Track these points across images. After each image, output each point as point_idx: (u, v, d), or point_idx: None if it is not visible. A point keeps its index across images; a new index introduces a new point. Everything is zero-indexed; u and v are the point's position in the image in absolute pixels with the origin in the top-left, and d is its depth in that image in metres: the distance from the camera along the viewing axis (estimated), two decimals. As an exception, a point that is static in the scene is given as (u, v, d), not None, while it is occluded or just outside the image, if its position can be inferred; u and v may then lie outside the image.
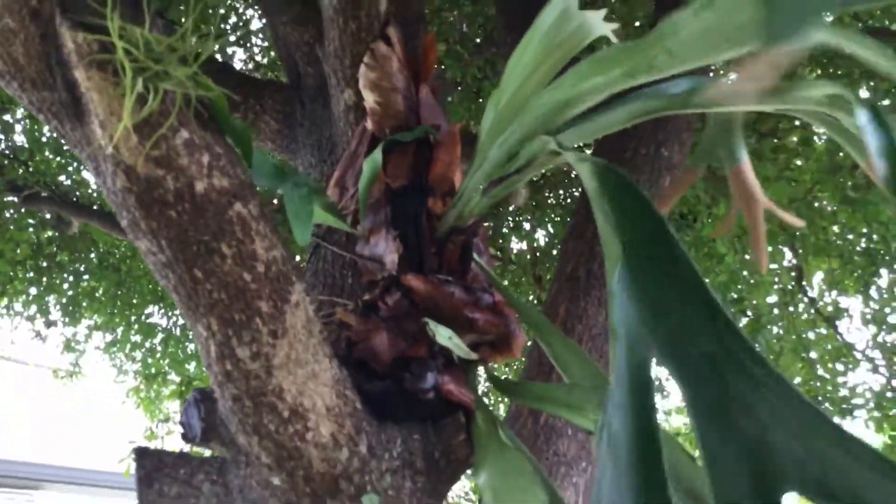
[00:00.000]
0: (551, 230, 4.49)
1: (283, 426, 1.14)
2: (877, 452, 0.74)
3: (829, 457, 0.73)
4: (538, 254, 4.69)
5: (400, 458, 1.28)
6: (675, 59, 1.09)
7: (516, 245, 5.02)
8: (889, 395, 3.74)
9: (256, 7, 3.61)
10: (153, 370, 5.32)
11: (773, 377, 0.81)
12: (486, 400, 4.43)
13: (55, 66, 0.88)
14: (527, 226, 4.62)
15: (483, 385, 4.43)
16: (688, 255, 0.95)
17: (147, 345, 5.41)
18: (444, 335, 1.29)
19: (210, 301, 1.04)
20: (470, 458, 1.37)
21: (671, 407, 6.65)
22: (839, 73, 2.96)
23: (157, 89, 0.85)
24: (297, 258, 1.46)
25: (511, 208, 4.34)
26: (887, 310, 4.03)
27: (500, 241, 4.79)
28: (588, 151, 2.85)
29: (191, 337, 5.49)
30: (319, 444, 1.17)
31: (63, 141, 1.01)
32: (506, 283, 4.93)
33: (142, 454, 1.38)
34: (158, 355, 5.42)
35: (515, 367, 4.83)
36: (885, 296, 3.97)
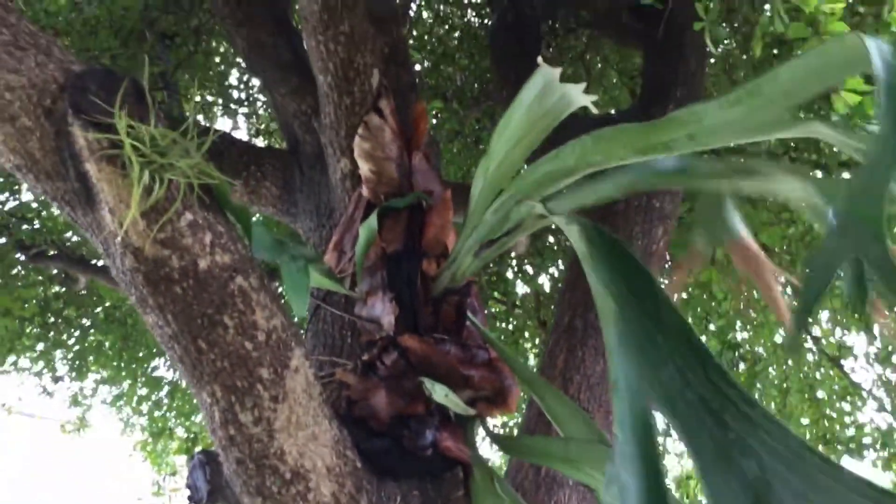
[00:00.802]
0: (555, 274, 4.55)
1: (286, 487, 1.18)
2: (865, 479, 0.81)
3: (823, 487, 0.79)
4: (542, 298, 4.74)
5: (400, 514, 1.32)
6: (695, 142, 1.17)
7: (521, 289, 5.07)
8: (896, 434, 3.75)
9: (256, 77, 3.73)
10: (159, 426, 5.34)
11: (766, 417, 0.87)
12: (487, 449, 4.46)
13: (68, 159, 0.95)
14: (530, 270, 4.68)
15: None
16: (677, 309, 1.01)
17: (153, 397, 5.44)
18: (440, 393, 1.34)
19: (214, 370, 1.09)
20: (467, 512, 1.41)
21: (683, 449, 6.62)
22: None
23: (162, 179, 0.91)
24: (297, 319, 1.51)
25: (513, 255, 4.40)
26: (890, 347, 4.05)
27: (505, 286, 4.84)
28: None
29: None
30: (321, 504, 1.21)
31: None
32: (511, 327, 4.98)
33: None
34: (164, 408, 5.44)
35: (517, 419, 4.85)
36: (887, 333, 4.00)
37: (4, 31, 0.94)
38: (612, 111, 3.73)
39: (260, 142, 4.41)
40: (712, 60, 2.81)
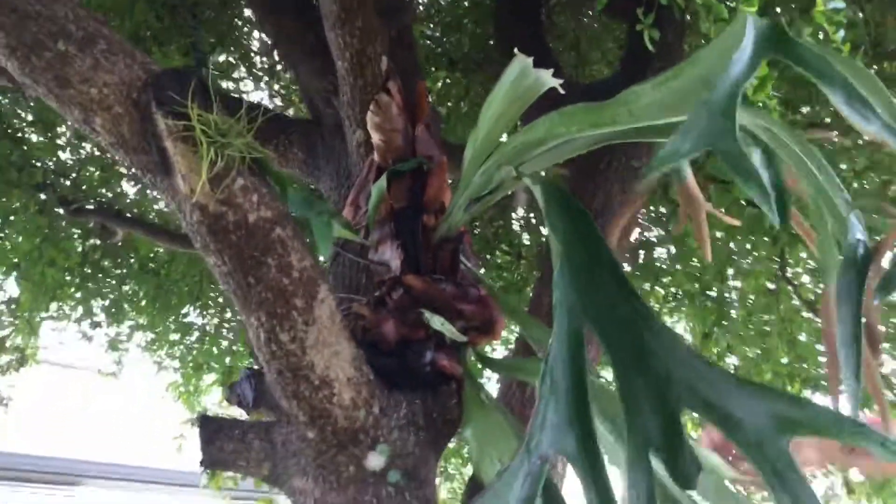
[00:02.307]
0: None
1: (315, 392, 1.51)
2: (737, 376, 1.12)
3: (708, 381, 1.09)
4: (544, 249, 5.04)
5: (405, 417, 1.65)
6: (634, 117, 1.46)
7: (527, 240, 5.38)
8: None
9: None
10: (192, 366, 5.72)
11: (668, 331, 1.18)
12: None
13: (150, 138, 1.26)
14: (534, 221, 4.97)
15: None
16: (610, 251, 1.33)
17: (186, 341, 5.83)
18: (437, 322, 1.66)
19: (259, 300, 1.42)
20: (461, 417, 1.74)
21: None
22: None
23: (222, 154, 1.23)
24: (322, 262, 1.83)
25: (517, 212, 4.70)
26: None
27: (510, 238, 5.13)
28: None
29: (224, 333, 5.89)
30: (343, 406, 1.54)
31: (123, 167, 1.39)
32: (517, 277, 5.29)
33: (204, 420, 1.78)
34: (195, 352, 5.83)
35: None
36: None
37: (101, 42, 1.25)
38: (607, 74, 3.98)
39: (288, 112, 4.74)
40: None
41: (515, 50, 1.54)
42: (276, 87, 4.94)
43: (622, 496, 1.08)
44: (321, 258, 1.62)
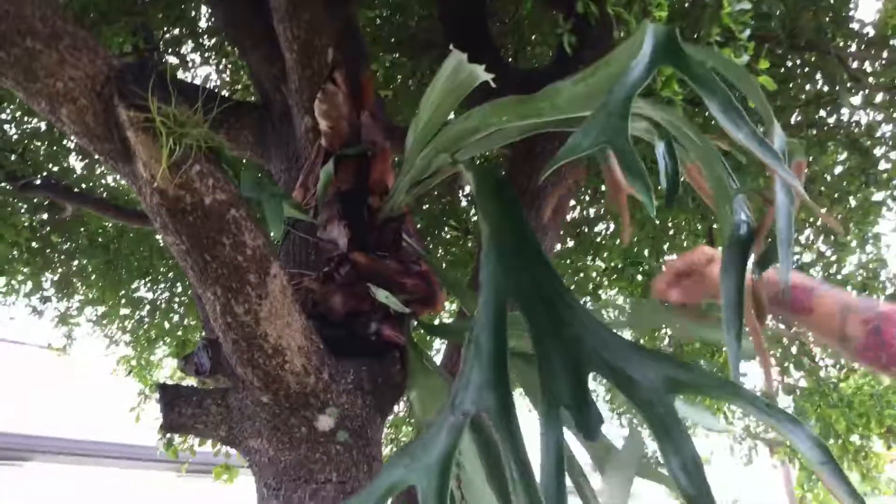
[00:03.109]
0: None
1: (269, 360, 1.65)
2: (635, 343, 1.29)
3: (611, 348, 1.25)
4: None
5: (353, 382, 1.80)
6: (556, 110, 1.60)
7: (474, 216, 5.54)
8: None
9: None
10: (149, 336, 5.77)
11: (579, 305, 1.33)
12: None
13: (113, 128, 1.37)
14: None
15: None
16: (533, 233, 1.48)
17: (136, 316, 5.87)
18: (382, 295, 1.81)
19: (216, 275, 1.54)
20: (405, 382, 1.90)
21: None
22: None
23: (180, 143, 1.34)
24: (275, 240, 1.96)
25: (464, 189, 4.86)
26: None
27: (458, 214, 5.28)
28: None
29: (175, 308, 5.94)
30: (295, 373, 1.68)
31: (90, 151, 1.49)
32: (463, 252, 5.46)
33: (164, 388, 1.90)
34: (147, 326, 5.88)
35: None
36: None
37: (66, 38, 1.35)
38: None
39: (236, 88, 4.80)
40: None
41: (451, 46, 1.67)
42: (224, 63, 4.99)
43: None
44: (273, 235, 1.74)
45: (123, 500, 8.67)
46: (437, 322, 3.01)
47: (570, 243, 5.04)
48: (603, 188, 4.38)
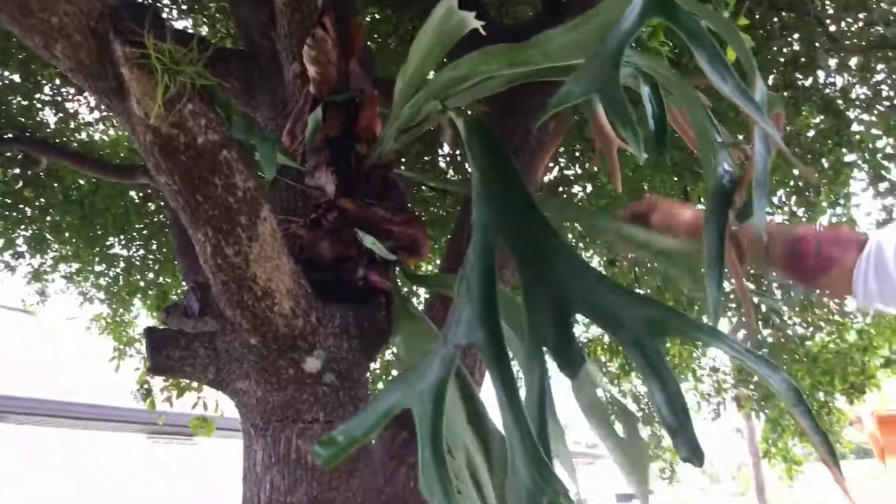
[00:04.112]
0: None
1: (258, 302, 1.67)
2: (622, 286, 1.33)
3: (598, 291, 1.29)
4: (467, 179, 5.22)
5: (339, 326, 1.83)
6: (547, 58, 1.62)
7: (453, 177, 5.56)
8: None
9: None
10: (123, 294, 5.74)
11: (568, 248, 1.38)
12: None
13: (108, 65, 1.37)
14: (460, 159, 5.15)
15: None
16: (522, 178, 1.52)
17: (111, 273, 5.84)
18: (369, 241, 1.83)
19: (207, 216, 1.55)
20: (390, 327, 1.94)
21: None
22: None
23: (175, 80, 1.35)
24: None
25: (444, 145, 4.86)
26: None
27: (437, 174, 5.30)
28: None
29: (150, 265, 5.91)
30: (283, 315, 1.71)
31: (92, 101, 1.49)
32: (443, 212, 5.49)
33: (151, 331, 1.92)
34: (121, 283, 5.85)
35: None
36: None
37: (59, -27, 1.34)
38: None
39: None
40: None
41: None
42: (202, 17, 4.94)
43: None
44: (265, 179, 1.76)
45: (94, 462, 8.65)
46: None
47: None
48: (580, 150, 4.42)
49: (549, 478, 1.12)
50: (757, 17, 2.98)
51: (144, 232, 5.77)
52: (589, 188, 4.91)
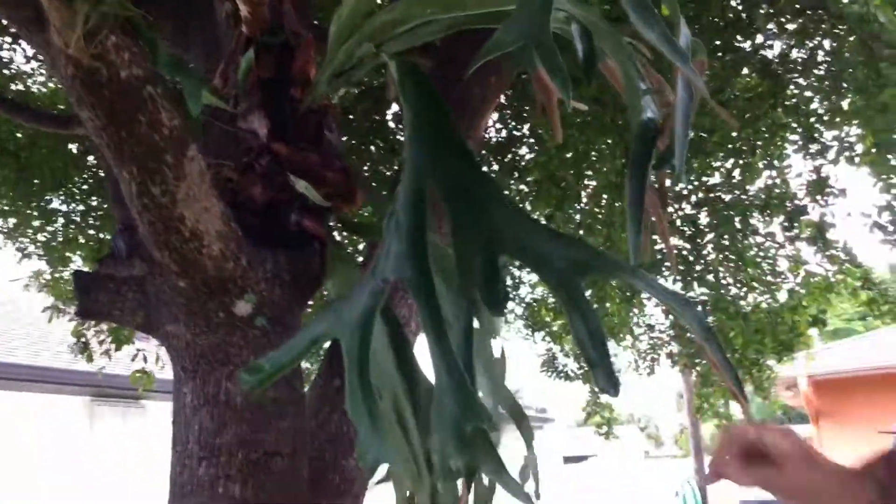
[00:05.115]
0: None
1: (186, 244, 1.65)
2: (550, 228, 1.35)
3: (526, 232, 1.31)
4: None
5: (271, 271, 1.82)
6: (481, 2, 1.62)
7: (401, 136, 5.53)
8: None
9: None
10: (63, 251, 5.61)
11: (498, 192, 1.39)
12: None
13: (24, -8, 1.33)
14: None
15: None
16: (454, 121, 1.52)
17: (49, 228, 5.69)
18: (301, 185, 1.83)
19: (132, 154, 1.53)
20: (323, 273, 1.94)
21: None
22: None
23: (96, 10, 1.32)
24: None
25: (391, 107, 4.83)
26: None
27: (385, 132, 5.26)
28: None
29: (91, 222, 5.78)
30: (212, 257, 1.69)
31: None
32: (389, 171, 5.46)
33: (79, 273, 1.89)
34: (61, 238, 5.71)
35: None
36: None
37: None
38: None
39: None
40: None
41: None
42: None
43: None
44: (192, 116, 1.73)
45: (30, 425, 8.47)
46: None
47: (495, 166, 5.12)
48: (527, 110, 4.44)
49: (473, 405, 1.15)
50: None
51: (84, 187, 5.62)
52: (536, 150, 4.93)
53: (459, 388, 1.15)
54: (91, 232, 5.81)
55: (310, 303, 2.21)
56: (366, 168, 4.89)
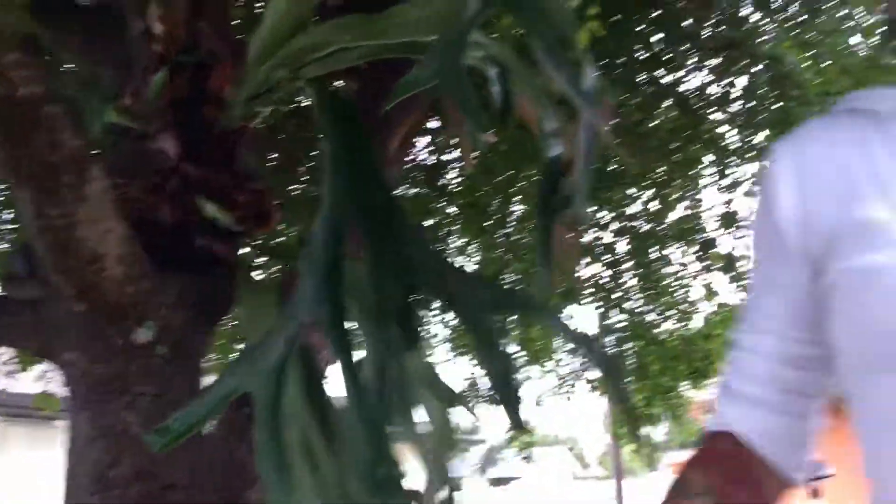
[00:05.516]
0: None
1: (85, 267, 1.59)
2: (463, 269, 1.36)
3: (441, 271, 1.31)
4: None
5: (176, 296, 1.76)
6: (398, 31, 1.62)
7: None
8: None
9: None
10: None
11: (416, 229, 1.39)
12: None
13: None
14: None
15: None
16: (374, 154, 1.51)
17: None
18: (210, 209, 1.78)
19: (30, 173, 1.46)
20: (232, 299, 1.89)
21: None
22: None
23: (-9, 25, 1.26)
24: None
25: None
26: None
27: (316, 150, 5.19)
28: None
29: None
30: (112, 281, 1.63)
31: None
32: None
33: (-28, 296, 1.80)
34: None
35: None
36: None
37: None
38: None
39: None
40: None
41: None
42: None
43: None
44: (95, 137, 1.67)
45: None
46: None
47: (425, 189, 5.12)
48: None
49: (383, 449, 1.14)
50: (622, 10, 3.08)
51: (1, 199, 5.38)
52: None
53: (371, 433, 1.14)
54: (4, 246, 5.56)
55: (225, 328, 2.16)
56: (296, 188, 4.83)
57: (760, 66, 3.26)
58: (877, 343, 0.65)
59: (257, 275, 2.59)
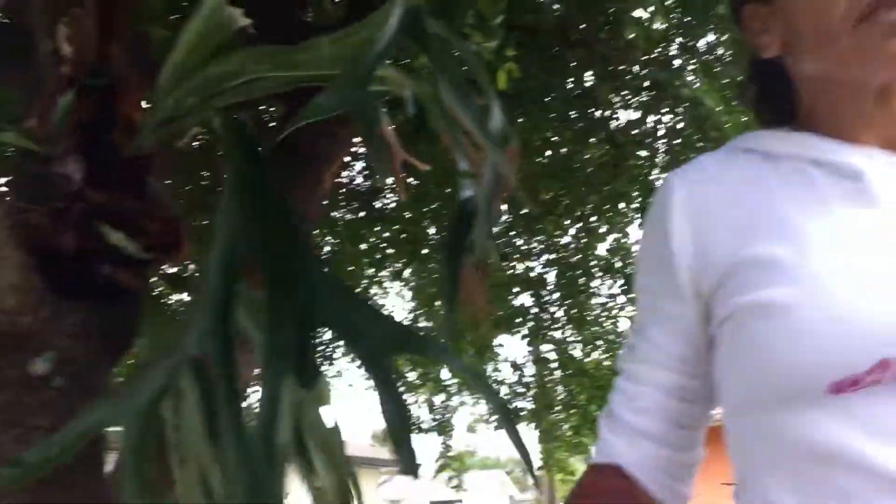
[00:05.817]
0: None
1: (-25, 296, 1.52)
2: (371, 307, 1.33)
3: (341, 307, 1.28)
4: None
5: (76, 326, 1.70)
6: (313, 64, 1.61)
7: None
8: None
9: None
10: None
11: (318, 264, 1.36)
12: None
13: None
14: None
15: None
16: (276, 187, 1.48)
17: None
18: (116, 237, 1.73)
19: (-86, 198, 1.40)
20: (136, 330, 1.83)
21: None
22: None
23: None
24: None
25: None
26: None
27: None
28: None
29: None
30: (6, 312, 1.57)
31: None
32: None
33: None
34: None
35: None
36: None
37: None
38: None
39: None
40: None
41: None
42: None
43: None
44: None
45: None
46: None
47: (362, 214, 5.10)
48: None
49: (265, 489, 1.12)
50: (551, 48, 3.13)
51: None
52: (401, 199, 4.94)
53: (252, 473, 1.11)
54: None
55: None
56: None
57: (681, 108, 3.35)
58: (774, 378, 0.63)
59: (173, 305, 2.57)
